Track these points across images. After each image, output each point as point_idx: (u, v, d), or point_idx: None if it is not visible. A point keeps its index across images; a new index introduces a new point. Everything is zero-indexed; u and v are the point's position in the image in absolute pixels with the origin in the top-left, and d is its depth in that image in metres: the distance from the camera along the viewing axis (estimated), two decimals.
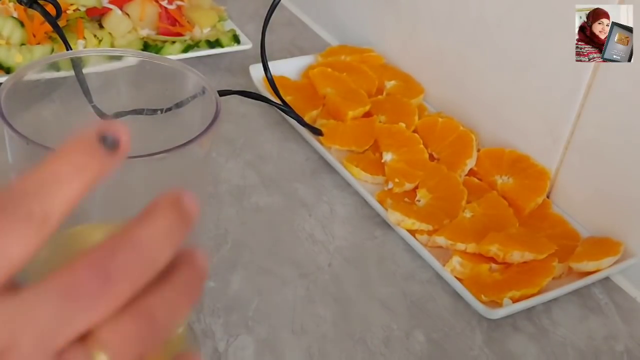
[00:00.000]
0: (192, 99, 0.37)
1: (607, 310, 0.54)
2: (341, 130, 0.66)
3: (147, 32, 0.77)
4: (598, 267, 0.55)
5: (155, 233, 0.24)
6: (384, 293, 0.53)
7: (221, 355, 0.46)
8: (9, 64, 0.68)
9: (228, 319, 0.49)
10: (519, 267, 0.54)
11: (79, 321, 0.22)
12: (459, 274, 0.53)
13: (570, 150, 0.61)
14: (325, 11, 0.90)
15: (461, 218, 0.58)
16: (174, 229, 0.24)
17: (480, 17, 0.67)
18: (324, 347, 0.48)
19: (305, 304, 0.51)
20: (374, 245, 0.57)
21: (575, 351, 0.50)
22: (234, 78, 0.77)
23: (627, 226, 0.57)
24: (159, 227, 0.24)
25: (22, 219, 0.21)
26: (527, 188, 0.61)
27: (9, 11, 0.72)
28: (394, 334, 0.50)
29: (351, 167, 0.62)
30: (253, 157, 0.65)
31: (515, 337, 0.51)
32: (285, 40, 0.87)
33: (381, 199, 0.60)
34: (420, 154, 0.64)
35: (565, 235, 0.58)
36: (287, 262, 0.54)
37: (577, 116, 0.59)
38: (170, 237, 0.24)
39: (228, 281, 0.52)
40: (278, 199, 0.61)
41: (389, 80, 0.75)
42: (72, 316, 0.22)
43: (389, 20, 0.80)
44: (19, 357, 0.21)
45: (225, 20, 0.82)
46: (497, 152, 0.64)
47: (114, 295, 0.22)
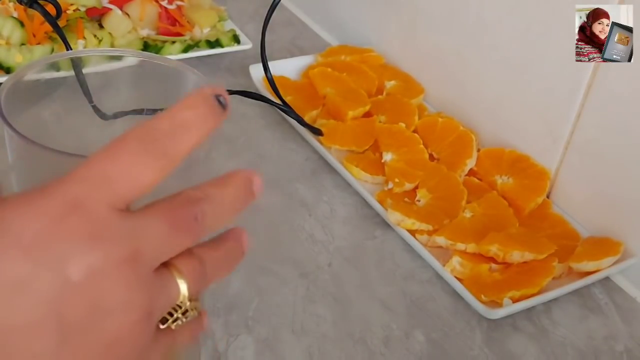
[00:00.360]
0: None
1: (607, 310, 0.54)
2: (341, 130, 0.66)
3: (147, 32, 0.77)
4: (598, 267, 0.55)
5: (231, 197, 0.28)
6: (383, 293, 0.53)
7: (221, 355, 0.46)
8: (9, 64, 0.68)
9: (228, 318, 0.49)
10: (519, 267, 0.54)
11: (175, 247, 0.26)
12: (459, 274, 0.53)
13: (570, 151, 0.61)
14: (325, 11, 0.90)
15: (461, 218, 0.58)
16: (241, 200, 0.28)
17: (480, 18, 0.67)
18: (324, 347, 0.48)
19: (305, 304, 0.51)
20: (374, 245, 0.57)
21: (575, 351, 0.50)
22: (234, 78, 0.77)
23: (627, 226, 0.57)
24: (232, 194, 0.28)
25: (158, 155, 0.25)
26: (527, 188, 0.61)
27: (9, 11, 0.72)
28: (393, 334, 0.50)
29: (351, 167, 0.62)
30: (253, 157, 0.65)
31: (515, 337, 0.51)
32: (285, 40, 0.87)
33: (381, 199, 0.60)
34: (420, 154, 0.64)
35: (565, 235, 0.58)
36: (287, 262, 0.54)
37: (577, 116, 0.59)
38: (237, 205, 0.28)
39: (228, 281, 0.52)
40: (278, 199, 0.61)
41: (389, 80, 0.75)
42: (173, 241, 0.26)
43: (389, 20, 0.80)
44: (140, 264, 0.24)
45: (225, 20, 0.82)
46: (497, 152, 0.64)
47: (196, 234, 0.26)
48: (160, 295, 0.26)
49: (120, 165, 0.24)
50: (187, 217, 0.26)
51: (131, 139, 0.25)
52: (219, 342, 0.47)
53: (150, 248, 0.25)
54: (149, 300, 0.25)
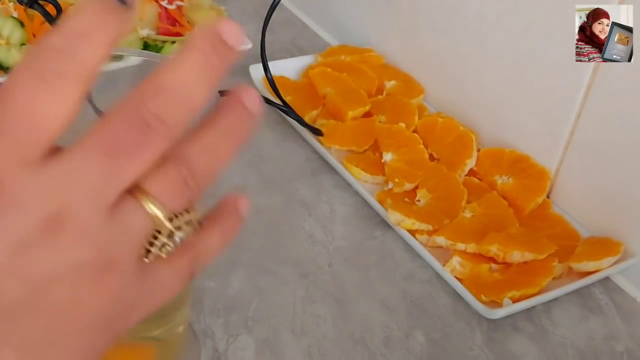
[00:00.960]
0: None
1: (607, 310, 0.54)
2: (341, 130, 0.66)
3: (147, 32, 0.77)
4: (598, 267, 0.55)
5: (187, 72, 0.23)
6: (383, 293, 0.53)
7: (221, 355, 0.46)
8: (9, 64, 0.68)
9: (228, 319, 0.49)
10: (519, 267, 0.54)
11: (124, 174, 0.22)
12: (459, 274, 0.53)
13: (570, 150, 0.61)
14: (325, 11, 0.90)
15: (461, 218, 0.58)
16: (206, 65, 0.23)
17: (480, 17, 0.67)
18: (324, 347, 0.48)
19: (305, 304, 0.51)
20: (374, 245, 0.57)
21: (575, 351, 0.50)
22: (234, 78, 0.77)
23: (627, 226, 0.57)
24: (190, 66, 0.23)
25: (55, 80, 0.21)
26: (527, 188, 0.61)
27: (9, 11, 0.71)
28: (393, 334, 0.50)
29: (351, 167, 0.62)
30: (253, 157, 0.65)
31: (515, 337, 0.51)
32: (285, 40, 0.87)
33: (381, 199, 0.60)
34: (420, 154, 0.64)
35: (565, 235, 0.58)
36: (287, 262, 0.54)
37: (577, 116, 0.59)
38: (203, 74, 0.23)
39: (228, 281, 0.52)
40: (278, 199, 0.61)
41: (389, 80, 0.75)
42: (118, 170, 0.22)
43: (389, 20, 0.80)
44: (75, 218, 0.21)
45: None
46: (497, 152, 0.64)
47: (152, 142, 0.22)
48: (119, 235, 0.23)
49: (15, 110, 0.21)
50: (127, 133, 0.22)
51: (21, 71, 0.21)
52: (219, 342, 0.47)
53: (87, 190, 0.22)
54: (99, 251, 0.22)
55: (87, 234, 0.22)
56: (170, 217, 0.24)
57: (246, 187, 0.61)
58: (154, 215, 0.23)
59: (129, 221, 0.23)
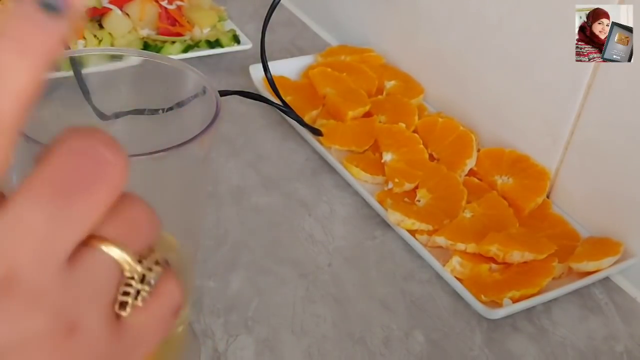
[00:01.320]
0: (192, 98, 0.37)
1: (607, 310, 0.54)
2: (341, 130, 0.66)
3: (147, 32, 0.77)
4: (598, 267, 0.55)
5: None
6: (383, 293, 0.53)
7: (221, 355, 0.46)
8: None
9: (228, 319, 0.49)
10: (519, 267, 0.54)
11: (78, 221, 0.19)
12: (458, 274, 0.53)
13: (570, 150, 0.61)
14: (325, 11, 0.90)
15: (461, 218, 0.58)
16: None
17: (480, 17, 0.67)
18: (324, 347, 0.48)
19: (305, 304, 0.51)
20: (374, 245, 0.57)
21: (575, 351, 0.50)
22: (234, 78, 0.77)
23: (627, 226, 0.57)
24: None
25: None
26: (527, 188, 0.61)
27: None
28: (393, 334, 0.50)
29: (351, 167, 0.62)
30: (253, 157, 0.65)
31: (515, 338, 0.51)
32: (285, 40, 0.87)
33: (381, 199, 0.60)
34: (420, 154, 0.64)
35: (565, 235, 0.58)
36: (286, 262, 0.54)
37: (577, 116, 0.59)
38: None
39: (228, 281, 0.52)
40: (278, 199, 0.61)
41: (389, 80, 0.75)
42: (70, 217, 0.19)
43: (389, 20, 0.80)
44: (24, 281, 0.18)
45: (225, 20, 0.82)
46: (497, 152, 0.64)
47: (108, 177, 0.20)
48: (81, 292, 0.20)
49: None
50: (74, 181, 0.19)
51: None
52: (218, 342, 0.47)
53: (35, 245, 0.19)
54: (57, 315, 0.19)
55: (39, 297, 0.19)
56: (139, 259, 0.21)
57: (246, 187, 0.61)
58: (123, 259, 0.21)
59: (93, 273, 0.20)
